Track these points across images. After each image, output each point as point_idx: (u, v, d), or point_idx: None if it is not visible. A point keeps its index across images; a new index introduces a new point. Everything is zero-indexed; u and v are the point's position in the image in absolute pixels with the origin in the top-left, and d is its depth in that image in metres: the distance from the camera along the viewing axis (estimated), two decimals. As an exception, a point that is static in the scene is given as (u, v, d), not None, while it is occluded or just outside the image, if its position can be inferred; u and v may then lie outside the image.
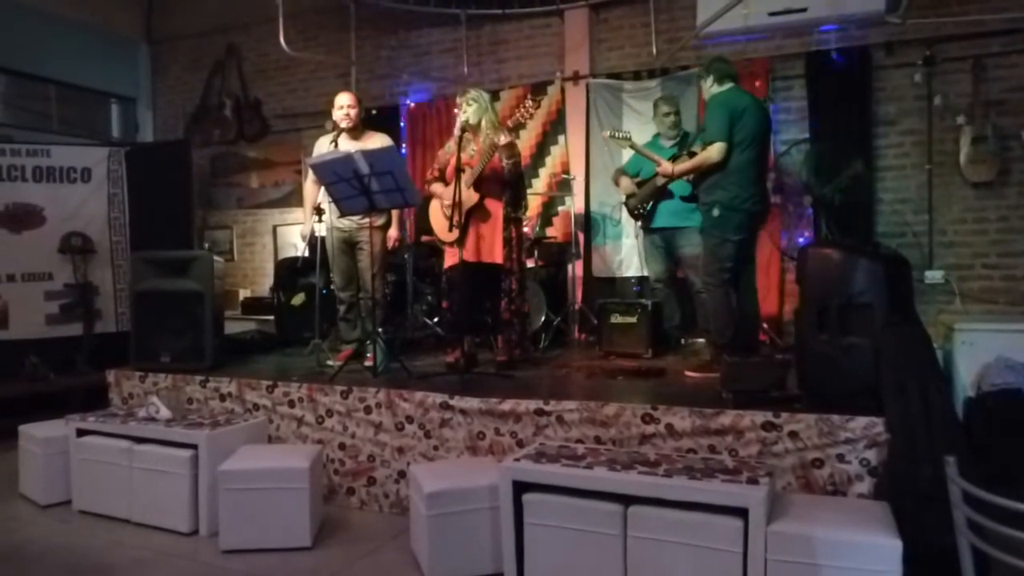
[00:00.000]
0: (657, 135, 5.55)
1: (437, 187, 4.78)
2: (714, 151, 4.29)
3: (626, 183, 5.47)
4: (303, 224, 5.53)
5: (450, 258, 4.76)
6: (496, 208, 4.70)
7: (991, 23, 5.49)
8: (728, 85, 4.46)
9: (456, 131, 4.65)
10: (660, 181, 5.11)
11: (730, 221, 4.31)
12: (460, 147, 4.60)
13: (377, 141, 4.80)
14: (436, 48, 7.42)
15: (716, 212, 4.33)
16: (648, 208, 5.31)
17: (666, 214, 5.24)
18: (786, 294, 6.03)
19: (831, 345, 3.38)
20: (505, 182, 4.67)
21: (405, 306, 6.17)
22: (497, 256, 4.68)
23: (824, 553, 2.59)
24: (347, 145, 4.78)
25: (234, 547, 3.59)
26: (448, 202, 4.53)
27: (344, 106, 4.88)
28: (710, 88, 4.51)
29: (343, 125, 4.86)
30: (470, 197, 4.60)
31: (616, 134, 5.54)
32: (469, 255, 4.62)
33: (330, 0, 7.14)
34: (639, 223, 5.55)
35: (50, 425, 4.51)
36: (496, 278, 4.76)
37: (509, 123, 4.63)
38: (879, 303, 3.31)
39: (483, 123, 4.62)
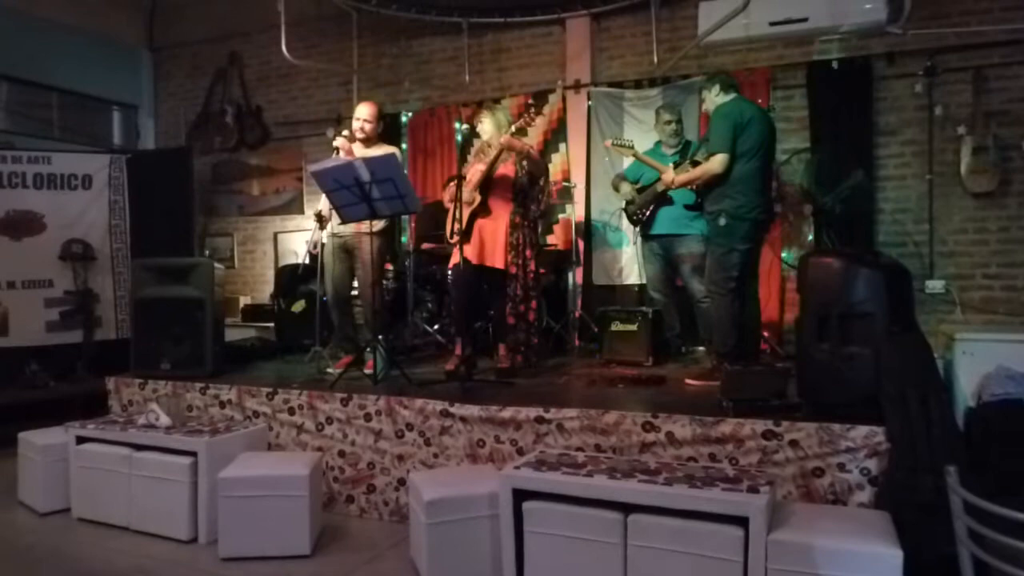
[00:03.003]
0: (659, 143, 5.57)
1: (453, 191, 4.83)
2: (716, 163, 4.30)
3: (626, 188, 5.49)
4: (310, 232, 5.53)
5: (455, 257, 4.79)
6: (502, 212, 4.73)
7: (992, 34, 5.51)
8: (732, 95, 4.48)
9: (475, 147, 4.80)
10: (660, 187, 5.12)
11: (737, 230, 4.31)
12: (474, 158, 4.74)
13: (381, 151, 4.82)
14: (438, 56, 7.44)
15: (723, 221, 4.33)
16: (647, 214, 5.31)
17: (665, 221, 5.24)
18: (787, 303, 6.03)
19: (832, 354, 3.38)
20: (517, 187, 4.72)
21: (405, 313, 6.17)
22: (499, 261, 4.70)
23: (824, 562, 2.58)
24: (356, 152, 4.82)
25: (233, 555, 3.58)
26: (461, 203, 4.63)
27: (360, 118, 4.92)
28: (714, 99, 4.52)
29: (358, 136, 4.87)
30: (472, 198, 4.65)
31: (619, 142, 5.55)
32: (472, 256, 4.65)
33: (332, 8, 7.15)
34: (637, 229, 5.55)
35: (49, 432, 4.51)
36: (500, 283, 4.77)
37: (513, 127, 4.68)
38: (880, 312, 3.31)
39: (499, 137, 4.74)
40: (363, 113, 4.95)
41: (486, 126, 4.84)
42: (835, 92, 5.90)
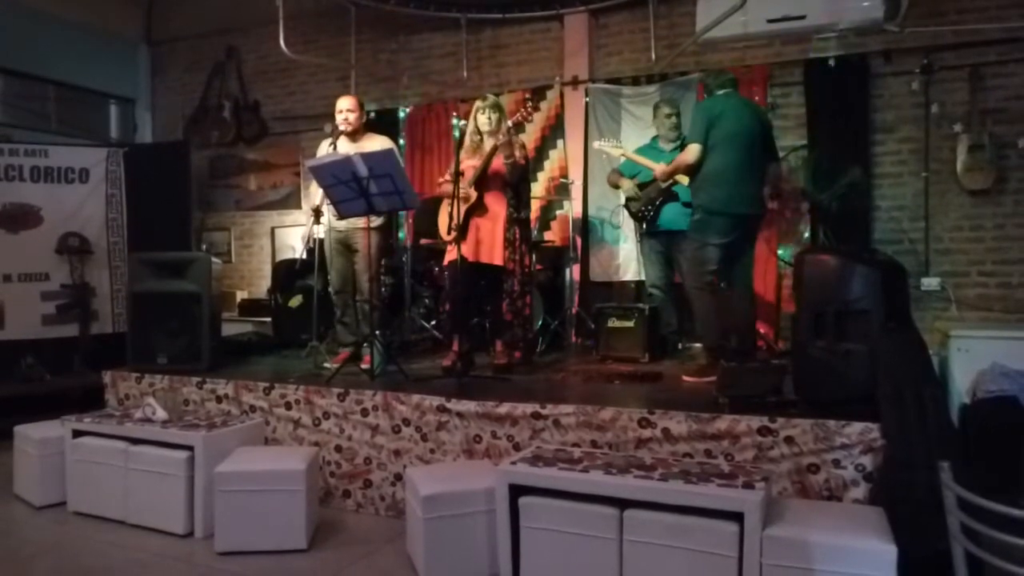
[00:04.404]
0: (656, 138, 5.57)
1: (446, 187, 4.82)
2: (689, 152, 4.37)
3: (627, 184, 5.48)
4: (304, 227, 5.52)
5: (450, 255, 4.79)
6: (498, 208, 4.72)
7: (989, 32, 5.52)
8: (717, 94, 4.49)
9: (470, 137, 4.80)
10: (663, 184, 5.13)
11: (710, 225, 4.31)
12: (472, 151, 4.71)
13: (377, 143, 4.81)
14: (436, 52, 7.43)
15: (697, 216, 4.38)
16: (652, 210, 5.32)
17: (671, 216, 5.24)
18: (783, 299, 6.04)
19: (827, 351, 3.39)
20: (506, 182, 4.70)
21: (403, 309, 6.17)
22: (497, 258, 4.70)
23: (819, 558, 2.59)
24: (346, 148, 4.79)
25: (229, 549, 3.59)
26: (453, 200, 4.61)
27: (343, 110, 4.89)
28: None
29: (341, 129, 4.87)
30: (469, 195, 4.65)
31: (605, 144, 5.59)
32: (468, 254, 4.65)
33: (330, 3, 7.14)
34: (643, 226, 5.53)
35: (46, 426, 4.50)
36: (496, 280, 4.77)
37: (509, 122, 4.67)
38: (876, 309, 3.32)
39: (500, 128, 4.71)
40: (345, 104, 4.91)
41: (483, 119, 4.80)
42: (832, 89, 5.90)
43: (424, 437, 3.98)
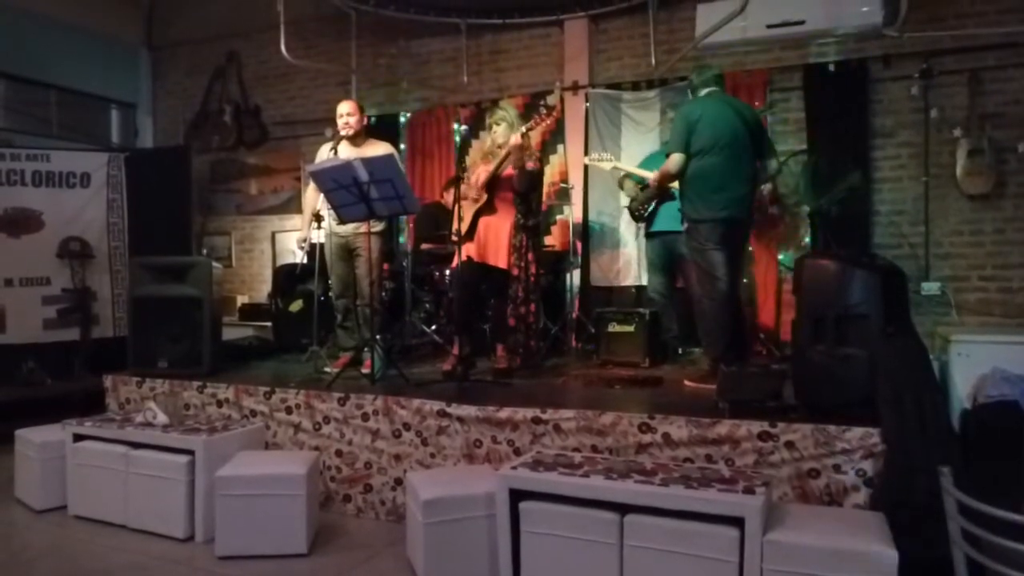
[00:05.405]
0: (666, 143, 5.57)
1: (452, 194, 4.84)
2: (670, 162, 4.37)
3: (629, 185, 5.53)
4: (300, 231, 5.52)
5: (458, 256, 4.80)
6: (507, 213, 4.74)
7: (987, 37, 5.53)
8: (700, 94, 4.48)
9: (490, 146, 4.85)
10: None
11: (699, 232, 4.30)
12: (488, 156, 4.79)
13: (379, 149, 4.82)
14: (436, 57, 7.45)
15: (685, 225, 4.38)
16: (648, 210, 5.33)
17: (667, 217, 5.24)
18: (783, 304, 6.04)
19: (827, 356, 3.40)
20: (513, 188, 4.71)
21: (403, 313, 6.18)
22: (502, 260, 4.71)
23: (820, 563, 2.59)
24: (347, 152, 4.80)
25: (230, 553, 3.59)
26: (466, 200, 4.64)
27: (344, 114, 4.90)
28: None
29: (343, 133, 4.88)
30: (479, 196, 4.67)
31: (595, 159, 5.62)
32: (474, 254, 4.67)
33: (331, 8, 7.14)
34: (641, 227, 5.54)
35: (46, 430, 4.51)
36: (501, 283, 4.78)
37: (523, 129, 4.66)
38: (875, 314, 3.32)
39: (510, 138, 4.70)
40: (346, 109, 4.92)
41: (501, 129, 4.81)
42: (832, 94, 5.90)
43: (424, 442, 3.98)
